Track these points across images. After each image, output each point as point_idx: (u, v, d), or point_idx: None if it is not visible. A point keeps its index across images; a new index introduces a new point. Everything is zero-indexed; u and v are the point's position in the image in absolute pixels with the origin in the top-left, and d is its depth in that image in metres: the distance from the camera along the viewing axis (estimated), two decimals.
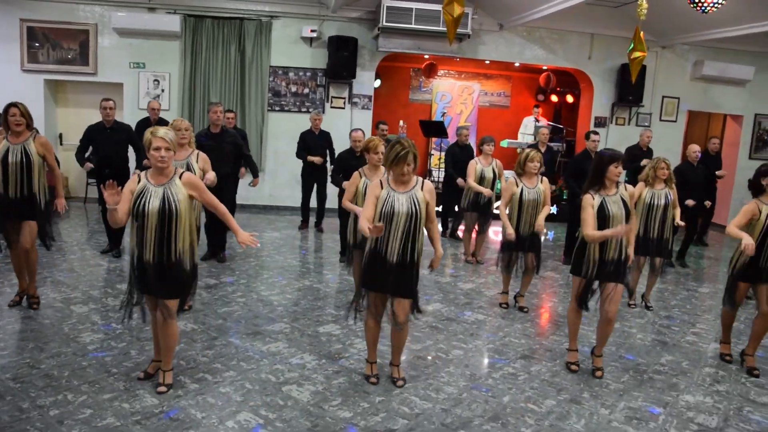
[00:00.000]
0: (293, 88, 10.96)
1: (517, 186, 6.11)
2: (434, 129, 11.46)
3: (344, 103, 11.09)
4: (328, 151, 9.40)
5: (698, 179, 8.48)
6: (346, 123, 10.92)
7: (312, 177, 9.45)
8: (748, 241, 4.83)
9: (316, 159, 9.16)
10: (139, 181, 3.94)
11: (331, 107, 11.01)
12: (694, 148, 8.57)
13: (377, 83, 12.65)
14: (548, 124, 12.13)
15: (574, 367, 4.95)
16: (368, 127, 11.03)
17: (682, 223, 6.82)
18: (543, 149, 8.99)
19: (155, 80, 10.56)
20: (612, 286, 4.74)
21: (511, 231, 6.11)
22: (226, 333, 5.27)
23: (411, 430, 3.88)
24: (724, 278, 6.36)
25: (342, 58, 10.49)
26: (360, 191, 5.45)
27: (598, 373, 4.90)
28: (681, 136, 12.64)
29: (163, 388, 4.11)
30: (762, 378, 5.12)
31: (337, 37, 10.49)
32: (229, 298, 6.22)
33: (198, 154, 5.69)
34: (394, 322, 4.37)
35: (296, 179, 10.42)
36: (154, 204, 3.86)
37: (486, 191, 7.83)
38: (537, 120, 12.50)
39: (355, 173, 5.56)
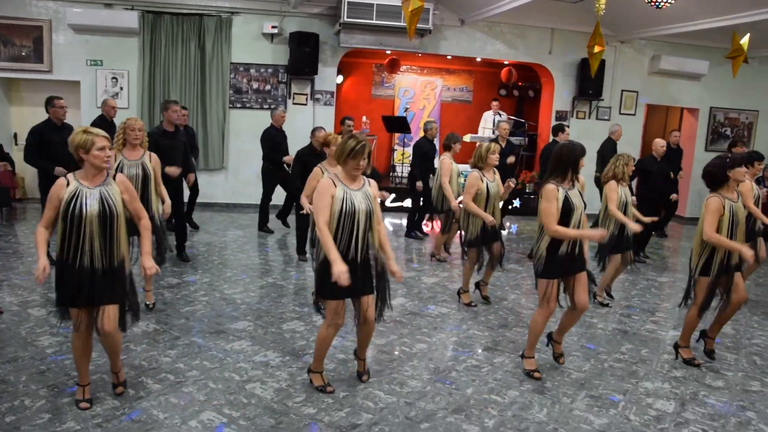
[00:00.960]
0: (255, 85, 10.87)
1: (482, 180, 6.09)
2: (397, 124, 11.48)
3: (306, 99, 11.04)
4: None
5: (662, 172, 8.60)
6: (309, 119, 10.88)
7: (275, 177, 9.18)
8: (749, 252, 4.80)
9: (287, 159, 8.91)
10: (67, 185, 3.67)
11: (293, 104, 10.95)
12: (661, 143, 8.56)
13: (339, 79, 12.63)
14: (509, 119, 12.25)
15: (537, 374, 4.74)
16: (330, 123, 11.02)
17: (647, 220, 6.73)
18: (503, 143, 9.05)
19: (113, 78, 10.37)
20: (581, 276, 4.66)
21: (492, 219, 6.01)
22: (188, 332, 5.22)
23: (375, 424, 3.90)
24: (684, 268, 6.50)
25: (303, 54, 10.44)
26: None
27: (561, 360, 4.98)
28: (640, 129, 12.89)
29: (120, 389, 4.05)
30: (716, 363, 5.27)
31: (299, 33, 10.43)
32: (191, 297, 6.15)
33: (150, 155, 5.62)
34: (363, 320, 4.21)
35: (258, 176, 10.35)
36: (93, 207, 3.62)
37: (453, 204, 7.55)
38: (499, 114, 12.59)
39: (316, 169, 5.56)
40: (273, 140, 9.00)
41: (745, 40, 8.89)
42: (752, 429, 4.15)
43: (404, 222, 9.88)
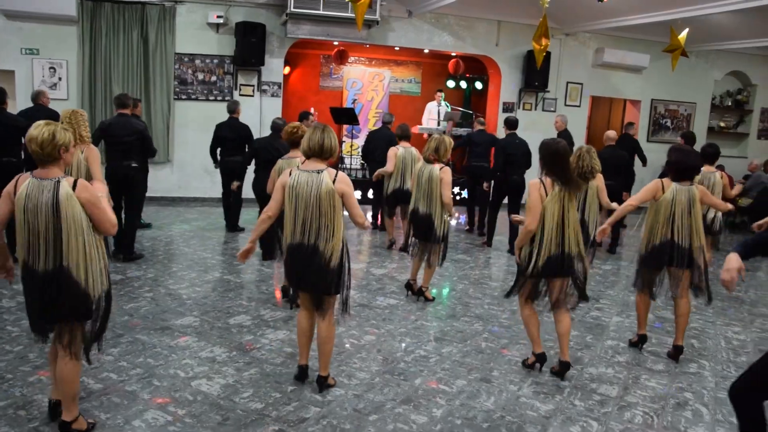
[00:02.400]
0: (200, 76, 10.66)
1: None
2: (345, 116, 11.44)
3: (253, 90, 10.89)
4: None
5: (621, 163, 8.81)
6: (256, 111, 10.74)
7: (233, 173, 8.77)
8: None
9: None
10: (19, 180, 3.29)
11: (240, 95, 10.78)
12: (611, 135, 8.96)
13: (287, 70, 12.50)
14: (455, 109, 12.33)
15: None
16: (278, 115, 10.87)
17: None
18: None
19: (51, 68, 10.01)
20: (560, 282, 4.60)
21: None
22: (132, 330, 5.10)
23: (323, 417, 3.89)
24: (628, 256, 6.66)
25: (250, 45, 10.29)
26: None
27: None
28: (585, 120, 13.16)
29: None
30: (657, 347, 5.43)
31: (245, 23, 10.27)
32: (135, 294, 6.01)
33: (86, 149, 5.50)
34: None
35: (205, 169, 10.19)
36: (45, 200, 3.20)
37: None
38: (446, 105, 12.66)
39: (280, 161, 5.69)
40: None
41: (683, 35, 9.15)
42: (690, 409, 4.30)
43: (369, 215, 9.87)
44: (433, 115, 12.15)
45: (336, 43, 12.41)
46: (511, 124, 8.68)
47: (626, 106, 14.08)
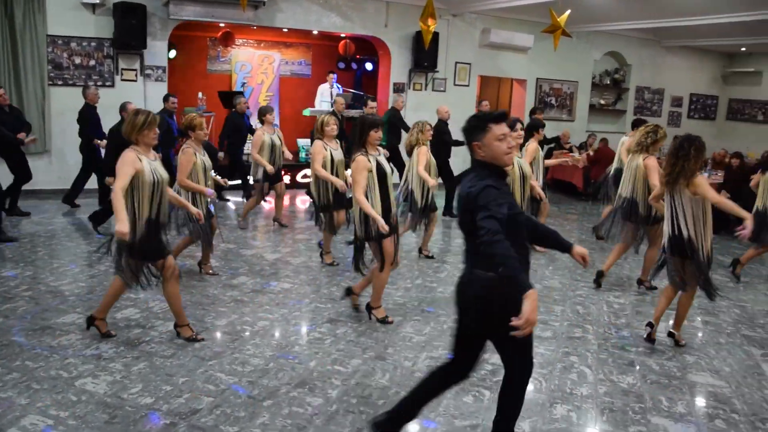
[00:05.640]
0: (77, 60, 10.06)
1: (326, 149, 6.54)
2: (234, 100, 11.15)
3: (136, 75, 10.41)
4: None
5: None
6: (140, 96, 10.26)
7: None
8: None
9: (101, 143, 8.80)
10: None
11: (122, 80, 10.28)
12: (445, 108, 9.63)
13: (172, 54, 12.03)
14: (346, 91, 12.33)
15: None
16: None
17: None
18: (340, 117, 9.43)
19: None
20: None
21: (342, 183, 6.40)
22: (8, 332, 4.78)
23: (217, 407, 3.82)
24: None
25: (130, 27, 9.79)
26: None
27: None
28: (474, 99, 13.47)
29: None
30: (544, 315, 5.68)
31: (123, 3, 9.74)
32: (11, 294, 5.63)
33: None
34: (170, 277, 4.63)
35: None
36: None
37: (268, 167, 7.88)
38: (337, 87, 12.63)
39: (189, 151, 5.81)
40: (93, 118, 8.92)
41: (564, 16, 9.52)
42: (575, 371, 4.55)
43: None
44: (326, 97, 12.07)
45: (222, 24, 12.06)
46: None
47: (513, 85, 14.54)
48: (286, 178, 10.27)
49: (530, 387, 4.29)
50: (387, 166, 5.09)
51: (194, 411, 3.75)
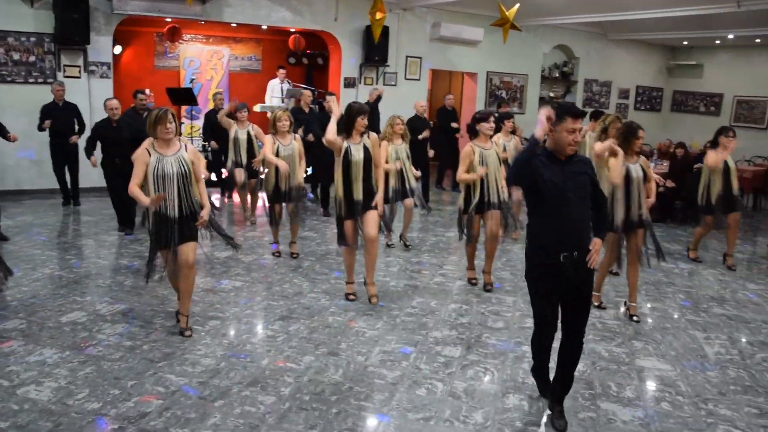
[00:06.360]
0: (15, 56, 9.70)
1: (274, 144, 6.77)
2: (184, 97, 10.96)
3: (80, 71, 10.10)
4: (77, 125, 9.09)
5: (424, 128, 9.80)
6: (84, 93, 9.98)
7: (62, 154, 9.04)
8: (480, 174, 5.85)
9: (73, 138, 8.93)
10: None
11: (65, 77, 9.96)
12: (421, 103, 10.19)
13: (118, 49, 11.74)
14: (295, 86, 12.21)
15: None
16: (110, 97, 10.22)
17: (418, 173, 7.60)
18: (307, 110, 9.38)
19: None
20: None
21: (285, 165, 6.60)
22: None
23: (167, 409, 3.74)
24: None
25: (72, 22, 9.47)
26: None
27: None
28: (425, 93, 13.51)
29: None
30: (496, 305, 5.75)
31: None
32: None
33: None
34: (182, 266, 4.72)
35: (29, 159, 9.41)
36: None
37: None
38: (288, 82, 12.50)
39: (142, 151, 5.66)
40: (44, 113, 8.89)
41: (512, 10, 9.60)
42: (527, 361, 4.59)
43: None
44: (276, 92, 11.94)
45: (169, 20, 11.81)
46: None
47: (464, 78, 14.63)
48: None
49: (482, 376, 4.35)
50: (359, 154, 5.41)
51: (143, 414, 3.68)
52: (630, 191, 5.41)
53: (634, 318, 5.59)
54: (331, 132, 5.30)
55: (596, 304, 5.82)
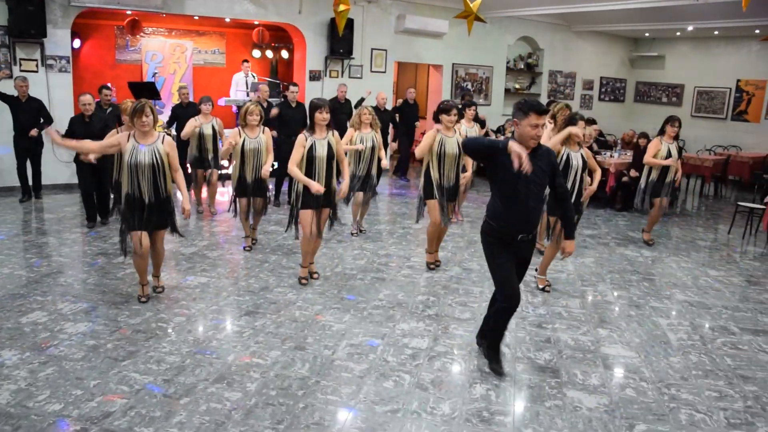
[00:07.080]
0: None
1: (240, 136, 6.83)
2: (146, 91, 10.74)
3: (37, 65, 9.87)
4: (42, 119, 8.97)
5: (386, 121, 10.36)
6: (42, 88, 9.75)
7: (25, 149, 9.03)
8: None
9: (33, 132, 8.83)
10: None
11: (21, 71, 9.71)
12: (383, 95, 10.88)
13: (77, 43, 11.48)
14: (261, 79, 12.10)
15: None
16: (69, 91, 10.01)
17: (386, 163, 7.88)
18: (265, 105, 9.33)
19: None
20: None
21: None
22: None
23: (131, 408, 3.68)
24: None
25: (26, 14, 9.22)
26: None
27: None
28: (391, 85, 13.49)
29: None
30: (463, 296, 5.78)
31: None
32: None
33: None
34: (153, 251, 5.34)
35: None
36: None
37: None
38: (252, 75, 12.39)
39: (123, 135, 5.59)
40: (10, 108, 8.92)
41: (477, 2, 9.63)
42: None
43: None
44: (241, 86, 11.82)
45: (129, 12, 11.58)
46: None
47: (430, 70, 14.65)
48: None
49: (449, 367, 4.37)
50: (323, 150, 5.58)
51: (107, 414, 3.61)
52: (566, 178, 5.86)
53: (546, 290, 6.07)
54: (289, 169, 5.62)
55: (541, 287, 6.14)
